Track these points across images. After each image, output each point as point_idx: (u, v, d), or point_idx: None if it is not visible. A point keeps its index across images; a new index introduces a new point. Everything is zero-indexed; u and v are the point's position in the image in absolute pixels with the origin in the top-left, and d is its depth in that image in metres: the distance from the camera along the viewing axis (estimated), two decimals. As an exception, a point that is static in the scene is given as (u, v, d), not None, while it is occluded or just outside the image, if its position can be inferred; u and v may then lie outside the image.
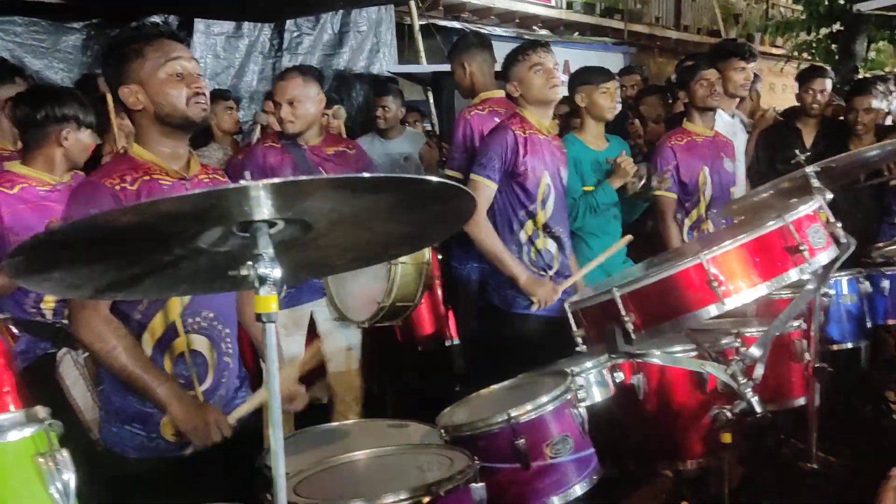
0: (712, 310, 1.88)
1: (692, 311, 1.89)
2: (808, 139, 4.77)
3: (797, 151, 2.69)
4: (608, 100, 3.69)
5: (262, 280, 1.21)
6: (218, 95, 4.93)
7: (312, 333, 3.69)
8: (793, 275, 1.89)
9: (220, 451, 2.10)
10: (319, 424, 2.66)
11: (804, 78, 4.88)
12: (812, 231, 1.94)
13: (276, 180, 1.09)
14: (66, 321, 2.97)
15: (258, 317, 1.23)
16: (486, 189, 3.18)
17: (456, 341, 4.24)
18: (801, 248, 1.86)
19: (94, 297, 1.35)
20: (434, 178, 1.17)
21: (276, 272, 1.22)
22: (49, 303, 3.00)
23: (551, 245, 3.33)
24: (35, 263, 1.09)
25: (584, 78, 3.73)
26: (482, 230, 3.19)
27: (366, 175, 1.10)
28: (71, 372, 2.67)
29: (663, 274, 1.92)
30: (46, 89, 3.03)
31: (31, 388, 2.62)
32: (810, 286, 2.12)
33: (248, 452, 2.16)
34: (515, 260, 3.23)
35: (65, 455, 1.21)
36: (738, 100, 4.55)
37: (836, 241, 2.02)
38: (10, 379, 2.58)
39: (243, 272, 1.21)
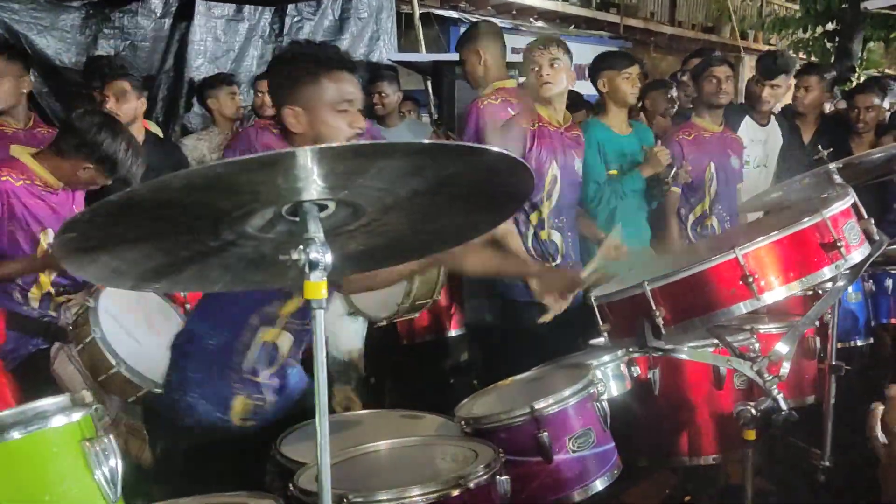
0: (746, 306, 1.85)
1: (725, 306, 1.86)
2: (807, 136, 4.77)
3: (819, 147, 2.68)
4: (630, 85, 3.70)
5: (314, 265, 1.17)
6: (221, 80, 4.86)
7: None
8: (827, 272, 1.87)
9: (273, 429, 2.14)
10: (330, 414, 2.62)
11: (796, 76, 4.91)
12: (848, 227, 1.92)
13: (328, 145, 1.05)
14: (52, 314, 2.92)
15: (307, 303, 1.20)
16: None
17: (455, 332, 4.23)
18: (839, 244, 1.84)
19: (136, 286, 1.31)
20: (495, 148, 1.12)
21: (328, 257, 1.18)
22: (36, 293, 2.94)
23: (556, 236, 3.34)
24: (86, 241, 1.04)
25: (607, 63, 3.72)
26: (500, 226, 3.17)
27: (426, 141, 1.06)
28: (66, 367, 2.63)
29: (696, 268, 1.89)
30: (121, 129, 2.91)
31: (26, 386, 2.57)
32: (840, 283, 2.11)
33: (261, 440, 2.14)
34: (530, 259, 3.22)
35: (111, 440, 1.17)
36: (766, 109, 4.50)
37: (869, 237, 2.00)
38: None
39: (294, 256, 1.17)
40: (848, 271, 2.02)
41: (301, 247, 1.17)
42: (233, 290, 1.72)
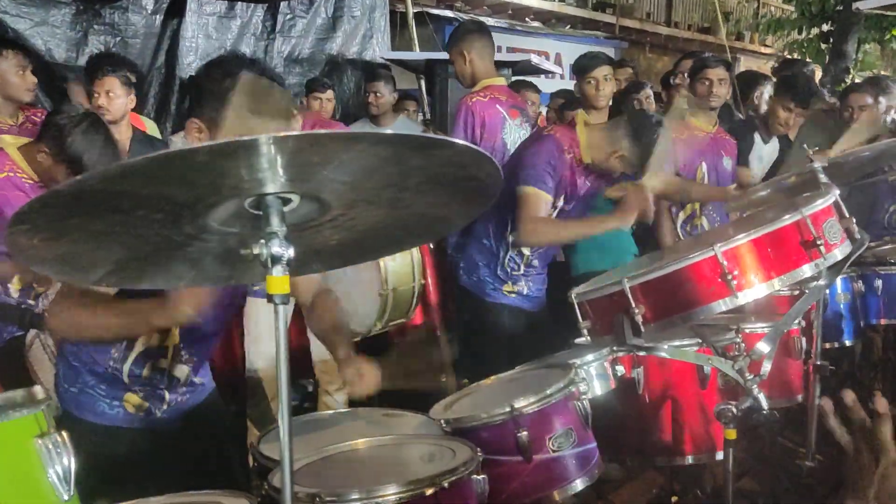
0: (725, 303, 1.84)
1: (704, 304, 1.85)
2: (792, 133, 4.75)
3: (805, 146, 2.67)
4: (593, 88, 3.68)
5: (275, 259, 1.15)
6: None
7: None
8: (807, 270, 1.86)
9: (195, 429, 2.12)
10: (310, 412, 2.62)
11: (775, 72, 4.90)
12: (828, 226, 1.91)
13: (289, 132, 1.02)
14: (31, 302, 2.90)
15: (269, 298, 1.17)
16: (538, 200, 2.98)
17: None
18: (818, 242, 1.82)
19: (100, 281, 1.28)
20: (459, 141, 1.10)
21: (290, 252, 1.16)
22: (16, 283, 2.93)
23: (525, 249, 3.22)
24: (40, 234, 1.02)
25: (577, 67, 3.72)
26: (539, 232, 3.04)
27: (388, 132, 1.04)
28: (40, 357, 2.62)
29: (675, 266, 1.87)
30: (96, 126, 2.84)
31: (-1, 372, 2.56)
32: (821, 282, 2.10)
33: (231, 437, 2.13)
34: (585, 221, 3.11)
35: (64, 437, 1.14)
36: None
37: (851, 236, 1.99)
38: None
39: (255, 250, 1.15)
40: (829, 270, 2.00)
41: (263, 241, 1.15)
42: (200, 286, 1.70)
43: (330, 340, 2.24)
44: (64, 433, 1.15)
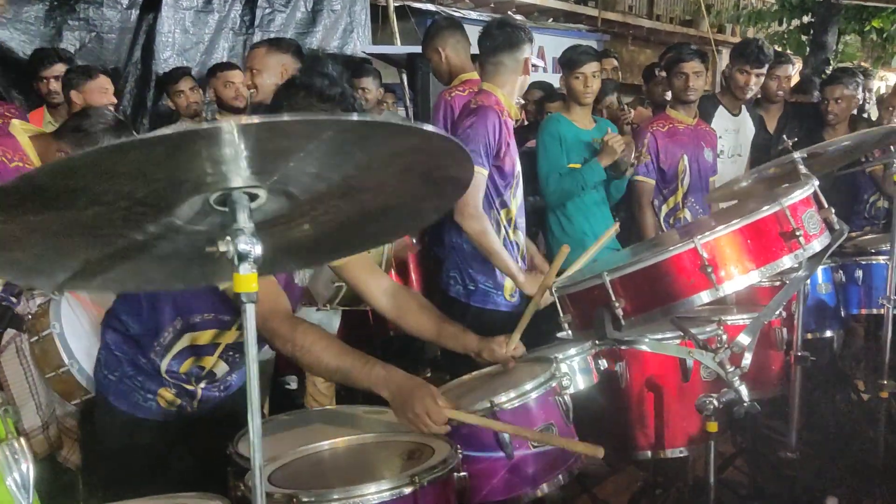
0: (706, 296, 1.83)
1: (685, 296, 1.83)
2: (772, 125, 4.76)
3: (784, 137, 2.66)
4: (581, 84, 3.64)
5: (242, 257, 1.12)
6: (178, 74, 4.77)
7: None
8: (787, 261, 1.85)
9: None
10: (293, 410, 2.59)
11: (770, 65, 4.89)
12: (807, 216, 1.90)
13: (253, 118, 0.98)
14: (14, 299, 2.84)
15: (236, 297, 1.14)
16: (478, 177, 2.91)
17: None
18: (797, 233, 1.81)
19: (61, 287, 1.24)
20: (429, 127, 1.07)
21: (258, 248, 1.13)
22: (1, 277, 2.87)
23: (520, 238, 3.19)
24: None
25: (563, 61, 3.69)
26: (479, 222, 2.91)
27: (354, 117, 1.00)
28: (12, 361, 2.57)
29: (655, 258, 1.86)
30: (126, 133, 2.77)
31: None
32: (801, 273, 2.09)
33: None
34: (512, 258, 3.00)
35: (22, 443, 1.11)
36: (749, 97, 4.44)
37: (830, 227, 1.98)
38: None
39: (222, 248, 1.12)
40: (809, 261, 1.99)
41: (229, 238, 1.11)
42: (172, 287, 1.67)
43: (444, 333, 2.28)
44: (22, 439, 1.12)
